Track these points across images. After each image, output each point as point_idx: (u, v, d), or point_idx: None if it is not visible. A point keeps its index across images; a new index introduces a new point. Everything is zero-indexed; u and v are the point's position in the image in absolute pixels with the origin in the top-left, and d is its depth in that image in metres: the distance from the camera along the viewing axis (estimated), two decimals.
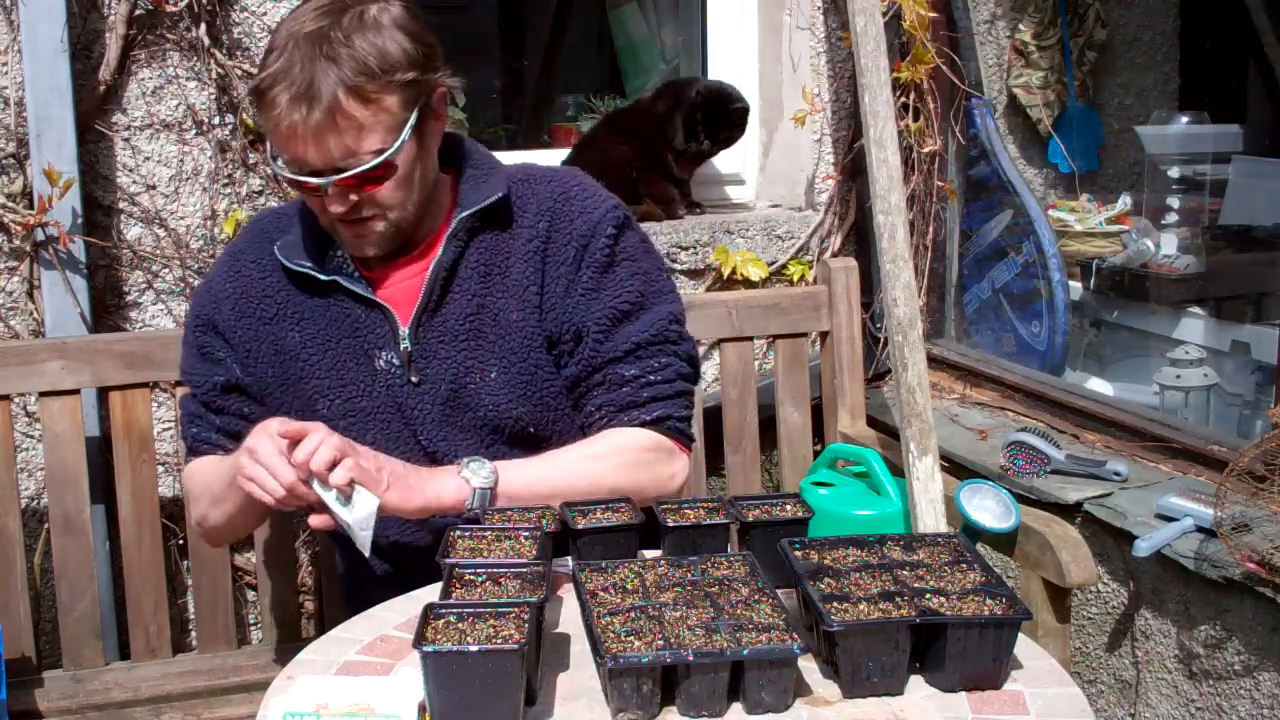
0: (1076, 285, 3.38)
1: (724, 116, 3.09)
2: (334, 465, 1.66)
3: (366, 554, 1.73)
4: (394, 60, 1.74)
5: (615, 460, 1.88)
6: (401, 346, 1.88)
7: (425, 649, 1.34)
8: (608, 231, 1.91)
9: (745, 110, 3.12)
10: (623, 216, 1.95)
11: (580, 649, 1.55)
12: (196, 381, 1.97)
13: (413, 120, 1.78)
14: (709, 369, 2.98)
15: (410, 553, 1.95)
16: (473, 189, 1.91)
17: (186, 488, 2.03)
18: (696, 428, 2.63)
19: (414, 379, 1.89)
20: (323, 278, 1.88)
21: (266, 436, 1.70)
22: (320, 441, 1.66)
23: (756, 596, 1.49)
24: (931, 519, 2.35)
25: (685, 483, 1.97)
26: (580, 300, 1.90)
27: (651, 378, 1.91)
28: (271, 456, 1.68)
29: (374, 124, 1.74)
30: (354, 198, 1.78)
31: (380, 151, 1.75)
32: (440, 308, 1.89)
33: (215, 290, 1.97)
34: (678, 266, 3.01)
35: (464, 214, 1.88)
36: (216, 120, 2.68)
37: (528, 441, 1.93)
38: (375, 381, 1.89)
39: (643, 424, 1.91)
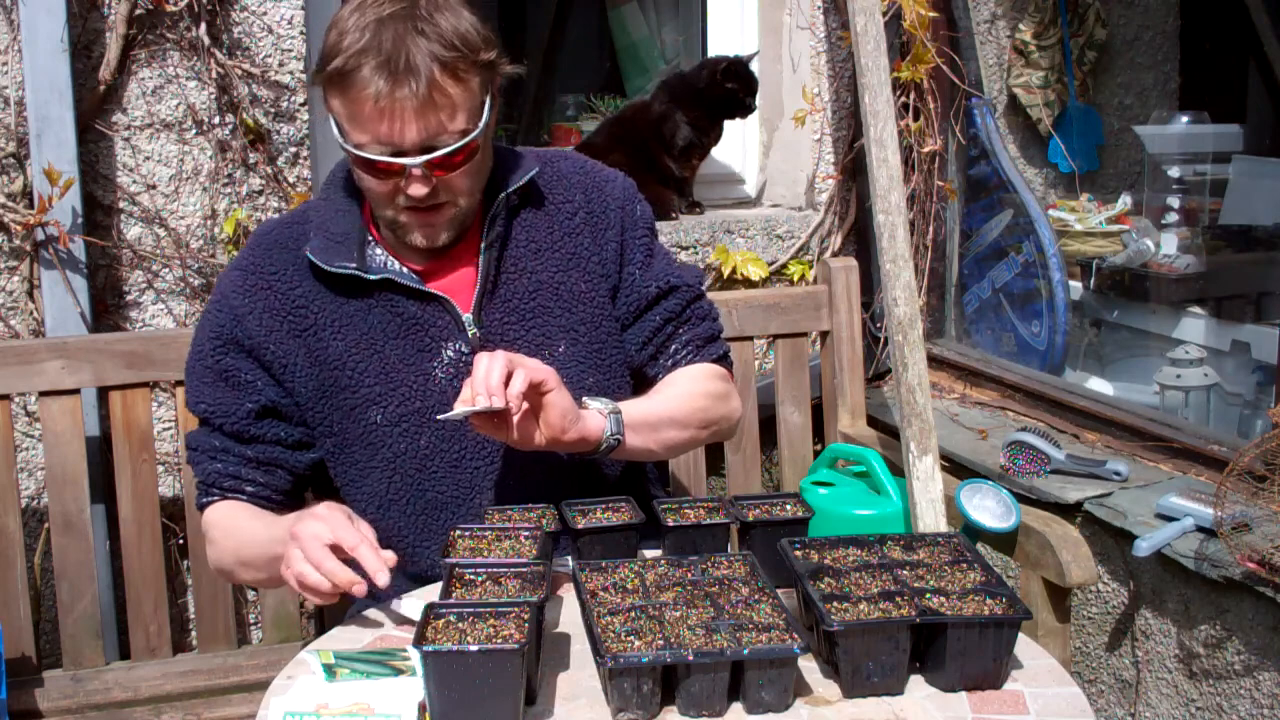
0: (1076, 285, 3.38)
1: (747, 75, 3.10)
2: (508, 379, 1.67)
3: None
4: (474, 40, 1.75)
5: (707, 392, 1.99)
6: (469, 334, 1.86)
7: (425, 649, 1.34)
8: (637, 196, 2.02)
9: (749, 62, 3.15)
10: (635, 183, 2.06)
11: (580, 649, 1.55)
12: (221, 412, 1.85)
13: (488, 104, 1.79)
14: None
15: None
16: (504, 171, 1.91)
17: (207, 531, 1.90)
18: None
19: None
20: (371, 278, 1.83)
21: (313, 540, 1.60)
22: (490, 361, 1.66)
23: (756, 596, 1.49)
24: (931, 519, 2.35)
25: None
26: (644, 264, 1.99)
27: (714, 312, 2.08)
28: (329, 565, 1.59)
29: (463, 103, 1.74)
30: (435, 181, 1.76)
31: (466, 132, 1.74)
32: (497, 289, 1.89)
33: (233, 308, 1.86)
34: None
35: (506, 192, 1.89)
36: (216, 120, 2.68)
37: None
38: (429, 380, 1.85)
39: (716, 358, 2.04)
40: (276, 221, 2.00)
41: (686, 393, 1.96)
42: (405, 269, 1.86)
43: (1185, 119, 3.60)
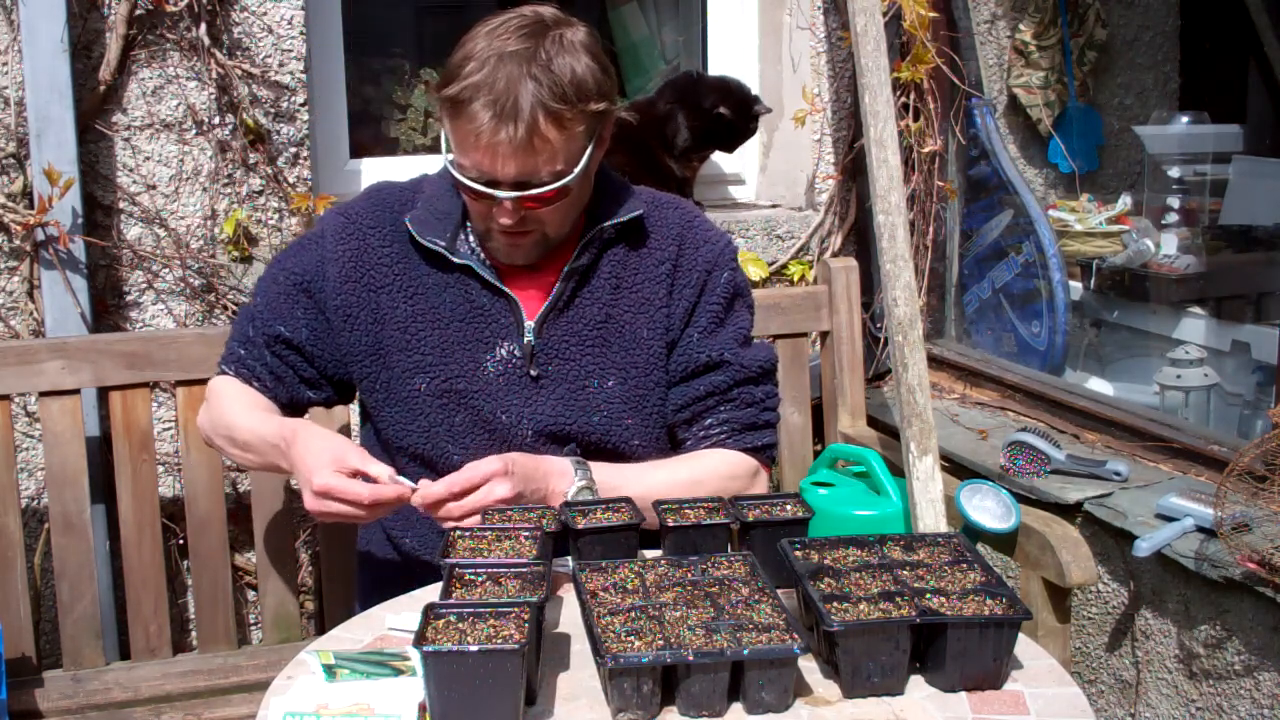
0: (1076, 285, 3.38)
1: (741, 129, 3.10)
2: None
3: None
4: (588, 88, 1.79)
5: (716, 491, 1.91)
6: (525, 340, 1.92)
7: (425, 649, 1.34)
8: (731, 265, 2.02)
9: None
10: (735, 251, 2.06)
11: (580, 649, 1.55)
12: (265, 317, 1.97)
13: (590, 148, 1.83)
14: None
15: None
16: (608, 202, 1.96)
17: (210, 398, 2.02)
18: None
19: (534, 373, 1.93)
20: (455, 260, 1.91)
21: (332, 473, 1.72)
22: (491, 492, 1.73)
23: (757, 596, 1.49)
24: (931, 519, 2.35)
25: None
26: (708, 330, 1.99)
27: (769, 403, 2.03)
28: (347, 493, 1.72)
29: (562, 148, 1.79)
30: (523, 212, 1.83)
31: (560, 174, 1.80)
32: (567, 309, 1.94)
33: (325, 250, 1.97)
34: None
35: (606, 224, 1.94)
36: (216, 120, 2.68)
37: (619, 459, 1.97)
38: (479, 368, 1.92)
39: (752, 448, 2.00)
40: (389, 184, 2.07)
41: (691, 482, 1.93)
42: (488, 262, 1.94)
43: (1185, 119, 3.60)
